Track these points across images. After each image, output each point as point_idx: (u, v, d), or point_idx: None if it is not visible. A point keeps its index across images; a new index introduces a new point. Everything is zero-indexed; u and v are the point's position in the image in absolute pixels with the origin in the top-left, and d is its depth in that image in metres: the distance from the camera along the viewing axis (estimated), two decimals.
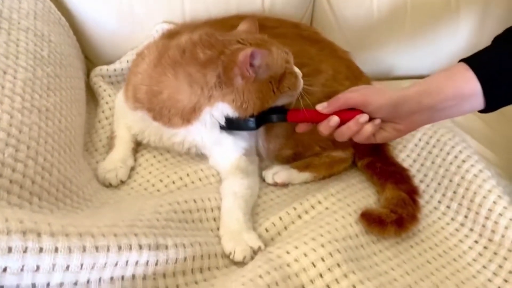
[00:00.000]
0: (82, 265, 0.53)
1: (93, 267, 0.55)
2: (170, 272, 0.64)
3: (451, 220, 0.84)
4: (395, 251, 0.78)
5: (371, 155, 0.91)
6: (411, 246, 0.79)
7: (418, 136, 0.97)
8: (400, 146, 0.97)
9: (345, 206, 0.81)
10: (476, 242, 0.80)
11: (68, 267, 0.52)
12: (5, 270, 0.48)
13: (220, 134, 0.83)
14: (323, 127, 0.75)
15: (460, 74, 0.68)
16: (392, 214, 0.79)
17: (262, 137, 0.91)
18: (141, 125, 0.87)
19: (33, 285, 0.51)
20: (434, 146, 0.95)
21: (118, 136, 0.90)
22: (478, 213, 0.81)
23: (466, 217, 0.83)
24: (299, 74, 0.82)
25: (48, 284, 0.52)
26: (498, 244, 0.77)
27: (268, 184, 0.90)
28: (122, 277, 0.58)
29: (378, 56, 1.24)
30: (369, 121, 0.72)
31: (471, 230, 0.81)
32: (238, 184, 0.82)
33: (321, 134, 0.76)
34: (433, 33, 1.20)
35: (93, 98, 1.05)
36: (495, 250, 0.77)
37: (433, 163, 0.92)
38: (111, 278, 0.57)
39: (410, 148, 0.96)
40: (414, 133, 0.97)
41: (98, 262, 0.55)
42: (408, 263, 0.76)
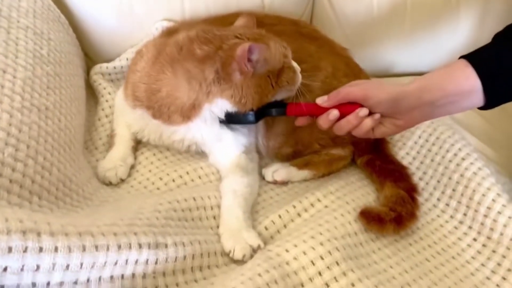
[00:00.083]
0: (82, 264, 0.54)
1: (93, 266, 0.55)
2: (169, 270, 0.64)
3: (450, 218, 0.84)
4: (394, 249, 0.78)
5: (371, 153, 0.91)
6: (410, 244, 0.80)
7: (418, 133, 0.97)
8: (399, 144, 0.97)
9: (344, 204, 0.81)
10: (474, 240, 0.80)
11: (68, 267, 0.53)
12: (5, 269, 0.48)
13: (220, 130, 0.83)
14: (323, 121, 0.75)
15: (460, 70, 0.68)
16: (391, 212, 0.79)
17: (262, 135, 0.91)
18: (140, 123, 0.87)
19: (33, 284, 0.51)
20: (433, 144, 0.94)
21: (118, 134, 0.90)
22: (477, 210, 0.81)
23: (465, 215, 0.83)
24: (298, 68, 0.82)
25: (48, 283, 0.52)
26: (497, 242, 0.77)
27: (267, 182, 0.90)
28: (122, 276, 0.59)
29: (378, 53, 1.24)
30: (368, 115, 0.72)
31: (470, 227, 0.81)
32: (238, 182, 0.82)
33: (320, 128, 0.75)
34: (433, 30, 1.20)
35: (93, 95, 1.04)
36: (494, 248, 0.77)
37: (432, 161, 0.92)
38: (111, 277, 0.58)
39: (410, 145, 0.96)
40: (414, 130, 0.97)
41: (97, 261, 0.55)
42: (406, 261, 0.76)
